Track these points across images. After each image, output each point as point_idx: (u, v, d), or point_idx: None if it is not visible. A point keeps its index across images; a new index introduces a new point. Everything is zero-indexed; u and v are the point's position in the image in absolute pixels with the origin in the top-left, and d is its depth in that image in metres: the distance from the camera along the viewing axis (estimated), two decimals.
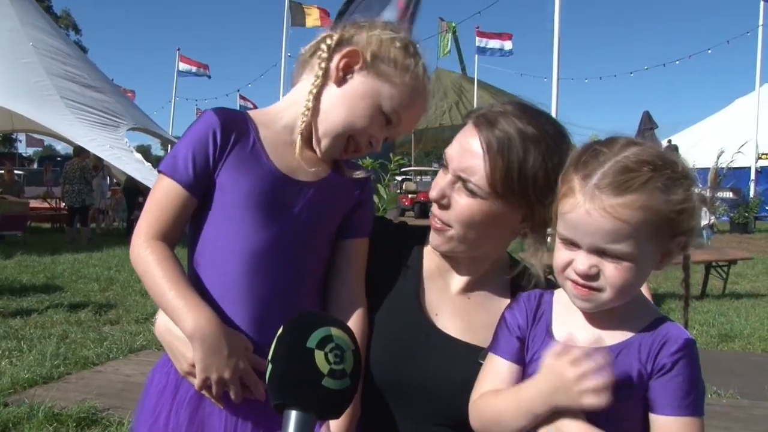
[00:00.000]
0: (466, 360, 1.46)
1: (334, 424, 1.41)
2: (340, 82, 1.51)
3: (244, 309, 1.44)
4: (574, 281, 1.27)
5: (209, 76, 32.06)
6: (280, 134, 1.52)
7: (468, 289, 1.59)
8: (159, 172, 1.48)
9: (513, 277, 1.60)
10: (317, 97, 1.51)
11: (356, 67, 1.50)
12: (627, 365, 1.23)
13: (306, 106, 1.51)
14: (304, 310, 1.16)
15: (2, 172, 19.98)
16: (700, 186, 1.25)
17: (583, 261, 1.25)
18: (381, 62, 1.49)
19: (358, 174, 1.60)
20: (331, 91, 1.51)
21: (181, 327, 1.38)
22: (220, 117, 1.47)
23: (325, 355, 1.03)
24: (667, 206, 1.20)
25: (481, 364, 1.42)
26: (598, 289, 1.25)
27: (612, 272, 1.23)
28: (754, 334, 7.12)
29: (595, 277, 1.24)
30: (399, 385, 1.49)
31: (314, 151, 1.54)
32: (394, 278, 1.60)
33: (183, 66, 30.67)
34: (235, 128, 1.48)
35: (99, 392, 4.73)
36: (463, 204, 1.47)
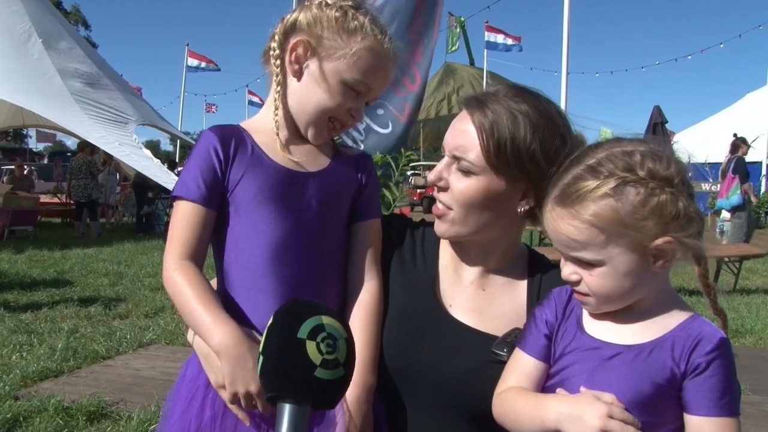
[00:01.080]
0: (478, 347, 1.49)
1: (349, 393, 1.41)
2: (299, 74, 1.55)
3: (274, 296, 1.48)
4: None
5: (218, 69, 32.03)
6: (273, 136, 1.57)
7: (482, 279, 1.60)
8: (173, 198, 1.53)
9: (530, 270, 1.63)
10: (284, 95, 1.57)
11: (307, 55, 1.53)
12: (659, 364, 1.22)
13: (275, 105, 1.57)
14: (295, 300, 1.14)
15: (13, 167, 20.08)
16: (681, 185, 1.22)
17: (565, 269, 1.30)
18: (326, 40, 1.51)
19: (354, 151, 1.68)
20: (294, 84, 1.56)
21: (208, 343, 1.40)
22: (216, 133, 1.54)
23: (317, 345, 1.02)
24: (621, 211, 1.20)
25: (493, 352, 1.45)
26: (586, 294, 1.29)
27: (588, 279, 1.27)
28: (766, 330, 7.07)
29: (577, 283, 1.29)
30: (411, 369, 1.51)
31: (308, 144, 1.59)
32: (411, 270, 1.63)
33: (192, 61, 30.66)
34: (232, 138, 1.54)
35: (109, 386, 4.76)
36: (460, 184, 1.50)
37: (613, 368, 1.25)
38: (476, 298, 1.58)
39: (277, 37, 1.55)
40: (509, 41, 26.33)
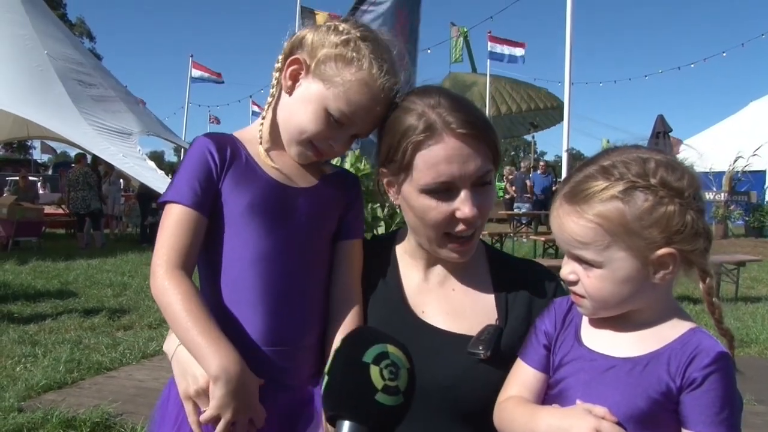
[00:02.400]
0: (457, 351, 1.48)
1: None
2: (290, 91, 1.55)
3: (259, 310, 1.47)
4: None
5: (222, 81, 32.14)
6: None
7: (448, 278, 1.61)
8: (164, 203, 1.49)
9: (491, 263, 1.64)
10: (275, 108, 1.58)
11: (301, 74, 1.53)
12: (655, 377, 1.21)
13: (262, 116, 1.58)
14: (364, 326, 1.17)
15: (17, 178, 20.15)
16: (692, 199, 1.22)
17: (565, 267, 1.30)
18: (322, 64, 1.50)
19: (327, 168, 1.65)
20: (285, 100, 1.56)
21: (205, 366, 1.36)
22: (212, 139, 1.54)
23: (381, 370, 1.05)
24: (627, 215, 1.20)
25: (470, 353, 1.45)
26: (582, 296, 1.28)
27: (585, 280, 1.26)
28: None
29: (574, 283, 1.29)
30: None
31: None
32: (378, 286, 1.62)
33: (196, 72, 30.78)
34: (228, 146, 1.54)
35: (113, 398, 4.76)
36: (491, 194, 1.53)
37: (608, 381, 1.24)
38: (447, 298, 1.59)
39: (283, 51, 1.56)
40: (512, 51, 26.36)
